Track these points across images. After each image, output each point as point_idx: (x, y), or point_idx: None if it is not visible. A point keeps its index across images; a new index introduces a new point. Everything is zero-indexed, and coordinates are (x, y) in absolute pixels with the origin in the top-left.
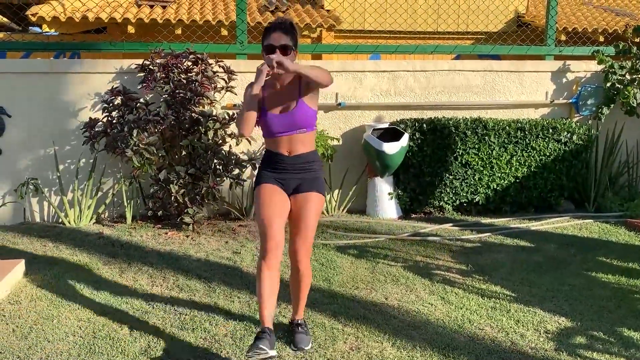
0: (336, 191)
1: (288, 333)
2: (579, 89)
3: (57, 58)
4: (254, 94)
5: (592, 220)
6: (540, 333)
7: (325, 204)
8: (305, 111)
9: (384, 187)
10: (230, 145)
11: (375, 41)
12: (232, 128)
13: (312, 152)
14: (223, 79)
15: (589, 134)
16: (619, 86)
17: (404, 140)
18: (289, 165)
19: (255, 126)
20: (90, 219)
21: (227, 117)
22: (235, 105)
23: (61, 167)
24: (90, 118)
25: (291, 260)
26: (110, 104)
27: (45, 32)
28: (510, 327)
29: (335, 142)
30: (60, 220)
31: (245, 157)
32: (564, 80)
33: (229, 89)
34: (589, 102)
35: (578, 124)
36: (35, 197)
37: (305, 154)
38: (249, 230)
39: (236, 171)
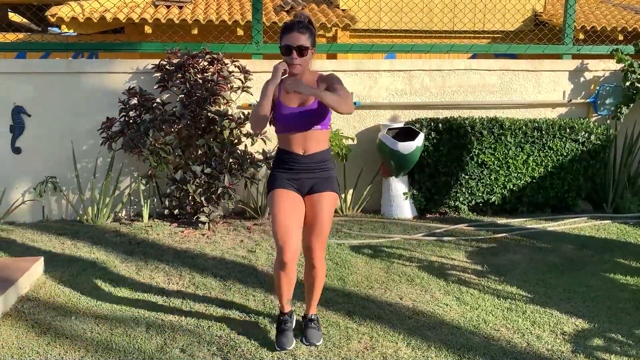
0: (350, 191)
1: (300, 329)
2: (597, 88)
3: (75, 58)
4: (269, 92)
5: (610, 221)
6: (556, 335)
7: (339, 203)
8: (322, 107)
9: (398, 187)
10: (245, 145)
11: (390, 40)
12: (248, 127)
13: (326, 150)
14: (239, 79)
15: (607, 134)
16: (639, 85)
17: (419, 139)
18: (304, 165)
19: (270, 125)
20: (108, 217)
21: (242, 116)
22: (250, 104)
23: (79, 165)
24: (107, 118)
25: (305, 257)
26: (127, 104)
27: (64, 33)
28: (526, 328)
29: (349, 142)
30: (78, 218)
31: (261, 157)
32: (582, 79)
33: (244, 88)
34: (607, 101)
35: (596, 123)
36: (54, 195)
37: (319, 152)
38: (263, 229)
39: (251, 170)
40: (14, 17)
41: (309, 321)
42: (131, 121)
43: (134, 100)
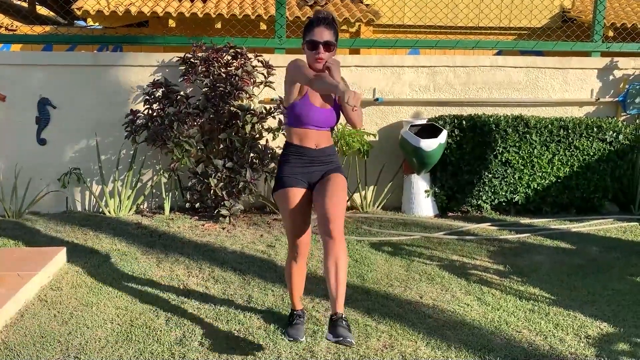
0: (371, 187)
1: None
2: (627, 86)
3: (100, 51)
4: (333, 84)
5: (637, 223)
6: (580, 338)
7: (360, 200)
8: (337, 112)
9: (420, 184)
10: (267, 140)
11: (414, 36)
12: (269, 122)
13: (332, 146)
14: (262, 74)
15: (636, 134)
16: None
17: (442, 137)
18: (315, 158)
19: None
20: (130, 209)
21: (264, 111)
22: (272, 99)
23: (102, 157)
24: (131, 110)
25: (326, 241)
26: (152, 96)
27: (89, 26)
28: (549, 330)
29: (371, 138)
30: (100, 209)
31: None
32: (611, 77)
33: (267, 83)
34: (637, 100)
35: (625, 123)
36: (78, 186)
37: (328, 147)
38: (283, 225)
39: (272, 165)
40: (41, 10)
41: (339, 319)
42: (154, 114)
43: (159, 92)
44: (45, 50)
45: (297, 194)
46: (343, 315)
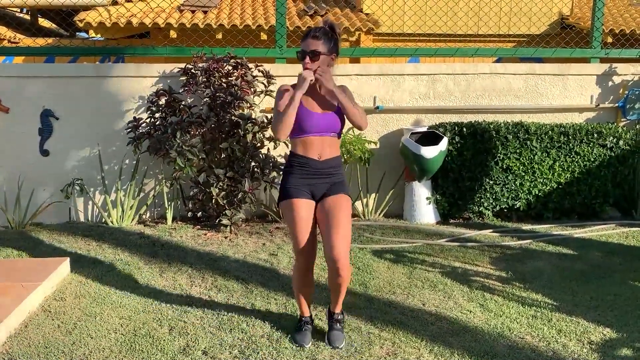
0: (373, 195)
1: (321, 330)
2: (627, 92)
3: (102, 62)
4: (297, 101)
5: (639, 228)
6: (583, 344)
7: (361, 208)
8: (341, 116)
9: (421, 192)
10: (268, 149)
11: (414, 44)
12: (270, 131)
13: (338, 157)
14: (262, 83)
15: (636, 139)
16: None
17: (443, 144)
18: (319, 170)
19: None
20: (132, 219)
21: (265, 120)
22: (273, 108)
23: (105, 168)
24: (134, 118)
25: (330, 266)
26: (155, 104)
27: (91, 38)
28: (552, 336)
29: (372, 146)
30: (103, 220)
31: (282, 160)
32: (610, 83)
33: (267, 93)
34: (636, 105)
35: (625, 128)
36: (80, 197)
37: (333, 158)
38: (285, 233)
39: (273, 174)
40: (43, 22)
41: (335, 322)
42: (157, 123)
43: (162, 100)
44: (48, 62)
45: (301, 205)
46: (339, 316)
